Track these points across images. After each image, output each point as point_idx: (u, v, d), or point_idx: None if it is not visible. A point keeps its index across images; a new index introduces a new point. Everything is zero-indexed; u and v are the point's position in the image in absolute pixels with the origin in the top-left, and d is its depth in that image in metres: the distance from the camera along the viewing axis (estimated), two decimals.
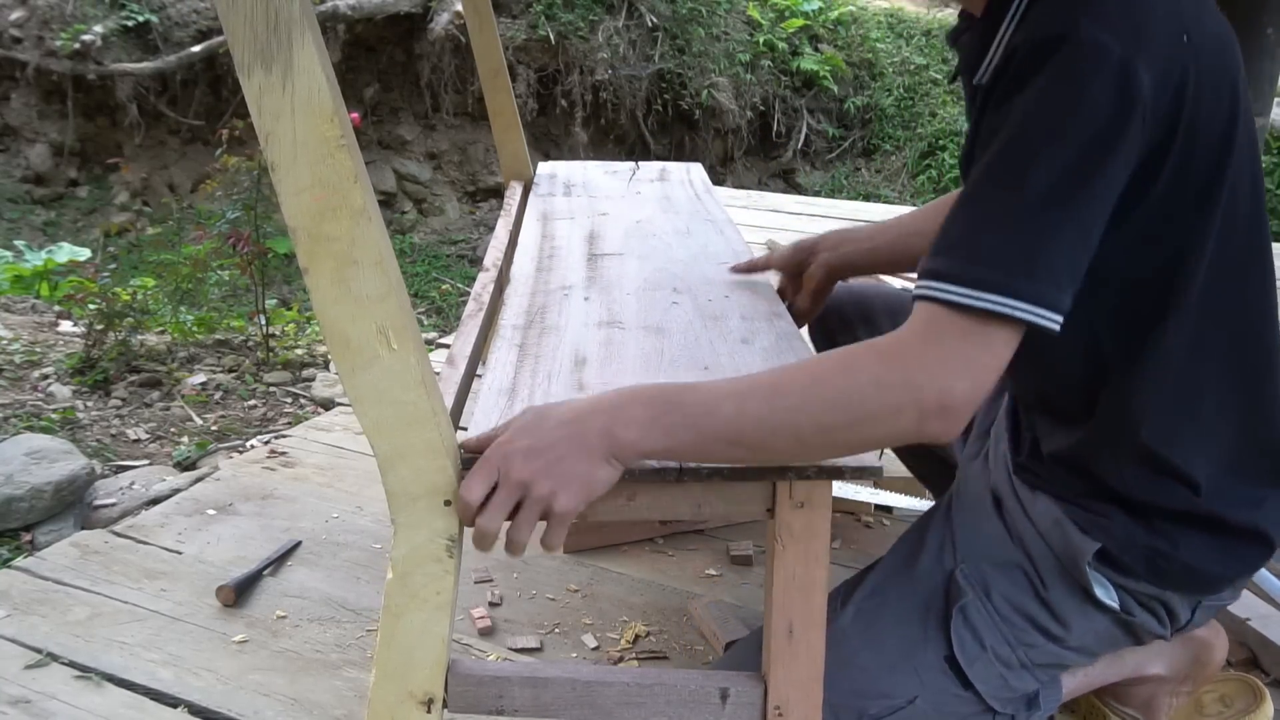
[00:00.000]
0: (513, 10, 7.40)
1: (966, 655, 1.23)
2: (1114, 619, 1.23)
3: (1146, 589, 1.20)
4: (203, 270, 3.73)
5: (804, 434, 0.99)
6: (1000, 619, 1.23)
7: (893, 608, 1.27)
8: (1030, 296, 0.95)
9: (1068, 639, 1.24)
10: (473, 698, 1.17)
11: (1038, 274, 0.95)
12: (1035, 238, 0.95)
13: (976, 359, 0.96)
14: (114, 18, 6.86)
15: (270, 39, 0.84)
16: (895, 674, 1.23)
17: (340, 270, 0.92)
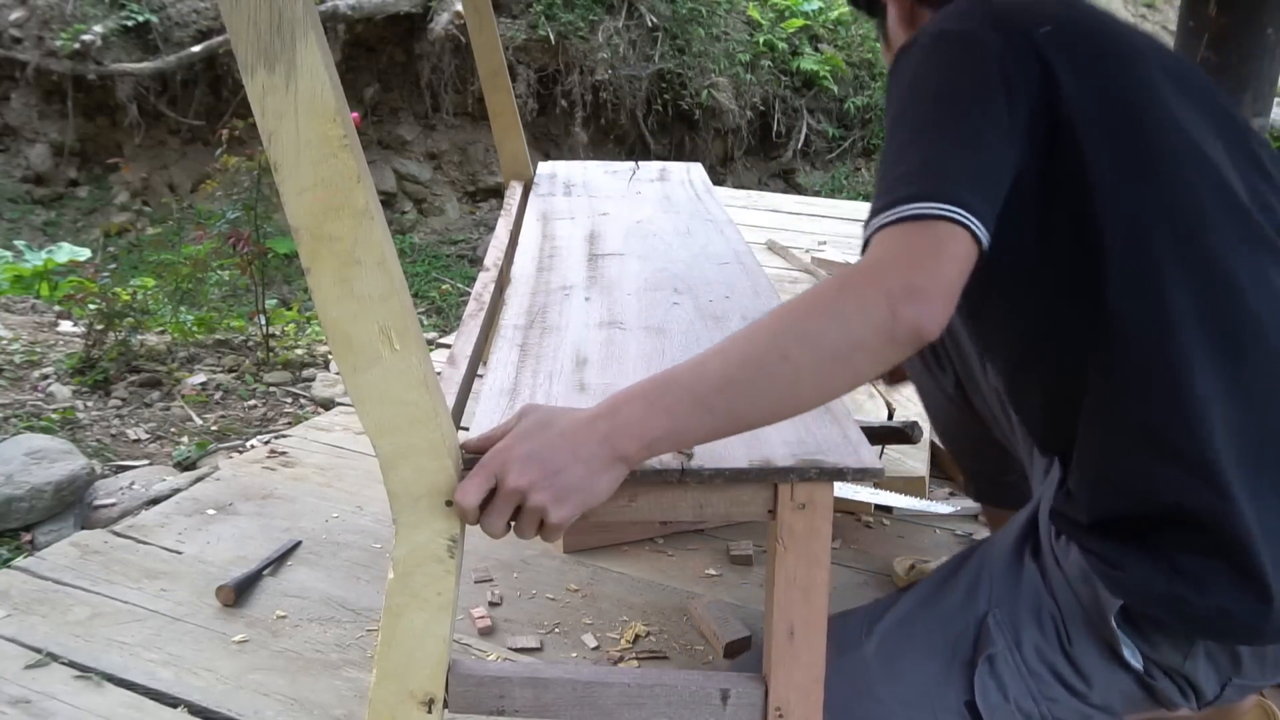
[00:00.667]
0: (513, 10, 7.40)
1: (989, 704, 1.20)
2: (1137, 680, 1.20)
3: (1169, 658, 1.17)
4: (203, 270, 3.73)
5: (791, 353, 0.98)
6: (1028, 671, 1.21)
7: (918, 643, 1.25)
8: (950, 197, 1.01)
9: (1090, 695, 1.22)
10: (473, 698, 1.17)
11: (948, 179, 1.03)
12: (934, 154, 1.06)
13: (925, 250, 1.00)
14: (114, 18, 6.86)
15: (273, 39, 0.84)
16: (911, 710, 1.21)
17: (343, 270, 0.92)
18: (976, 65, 1.10)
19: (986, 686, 1.20)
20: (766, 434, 1.16)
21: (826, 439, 1.16)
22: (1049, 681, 1.21)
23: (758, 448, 1.13)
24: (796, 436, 1.16)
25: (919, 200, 1.02)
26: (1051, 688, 1.21)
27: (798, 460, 1.10)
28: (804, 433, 1.17)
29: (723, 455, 1.12)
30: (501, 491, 0.99)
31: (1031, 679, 1.21)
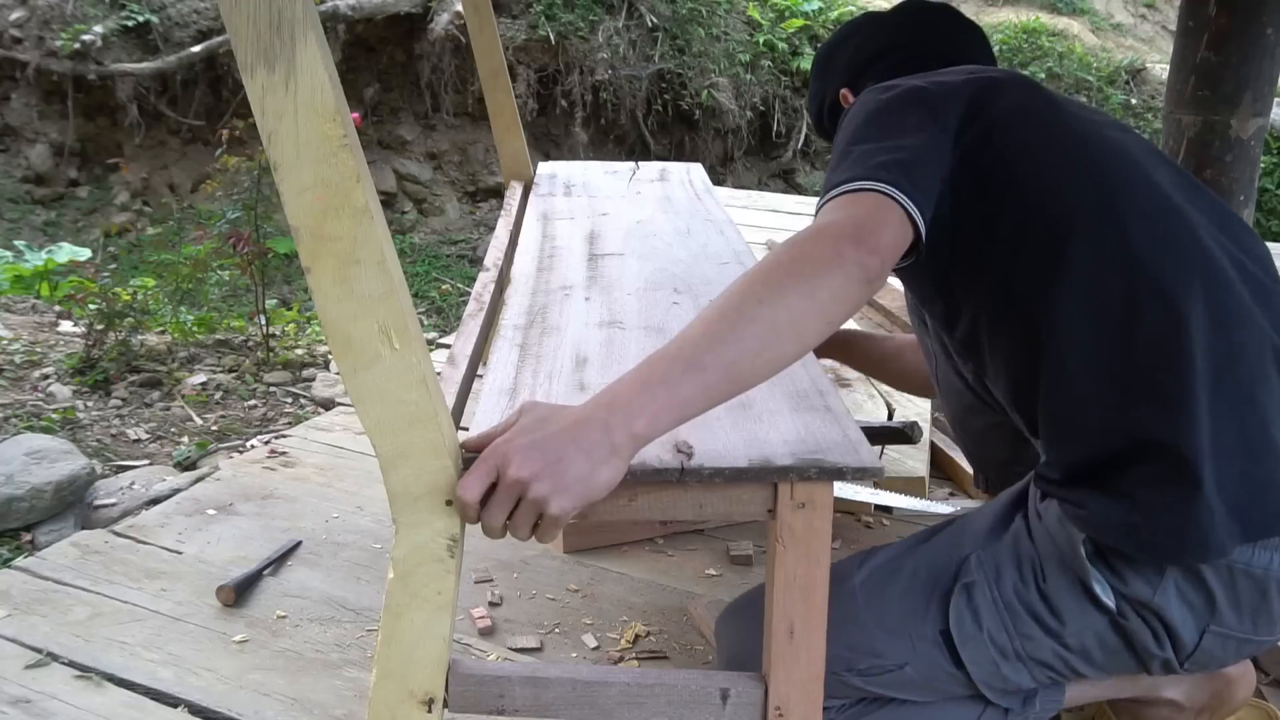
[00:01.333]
0: (513, 10, 7.40)
1: (962, 633, 1.25)
2: (1111, 623, 1.22)
3: (1138, 589, 1.19)
4: (203, 270, 3.74)
5: (765, 298, 1.05)
6: (1004, 606, 1.25)
7: (902, 578, 1.31)
8: (880, 179, 1.17)
9: (1065, 635, 1.24)
10: (473, 697, 1.17)
11: (883, 169, 1.18)
12: (867, 151, 1.22)
13: (866, 212, 1.15)
14: (114, 18, 6.86)
15: (273, 39, 0.84)
16: (891, 638, 1.26)
17: (343, 270, 0.92)
18: (907, 96, 1.31)
19: (962, 616, 1.26)
20: (766, 433, 1.17)
21: (826, 438, 1.16)
22: (1024, 619, 1.25)
23: (757, 447, 1.13)
24: (796, 436, 1.16)
25: (859, 180, 1.18)
26: (1026, 625, 1.25)
27: (797, 460, 1.10)
28: (804, 432, 1.17)
29: (722, 455, 1.12)
30: (502, 484, 0.99)
31: (1007, 613, 1.25)
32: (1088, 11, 9.21)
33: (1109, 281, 1.21)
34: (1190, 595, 1.19)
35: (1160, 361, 1.17)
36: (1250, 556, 1.16)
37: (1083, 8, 9.21)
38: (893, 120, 1.27)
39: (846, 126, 1.31)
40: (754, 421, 1.21)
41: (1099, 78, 8.03)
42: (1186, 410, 1.15)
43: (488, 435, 1.06)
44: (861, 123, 1.28)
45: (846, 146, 1.26)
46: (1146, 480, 1.17)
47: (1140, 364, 1.19)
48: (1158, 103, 7.62)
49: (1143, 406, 1.18)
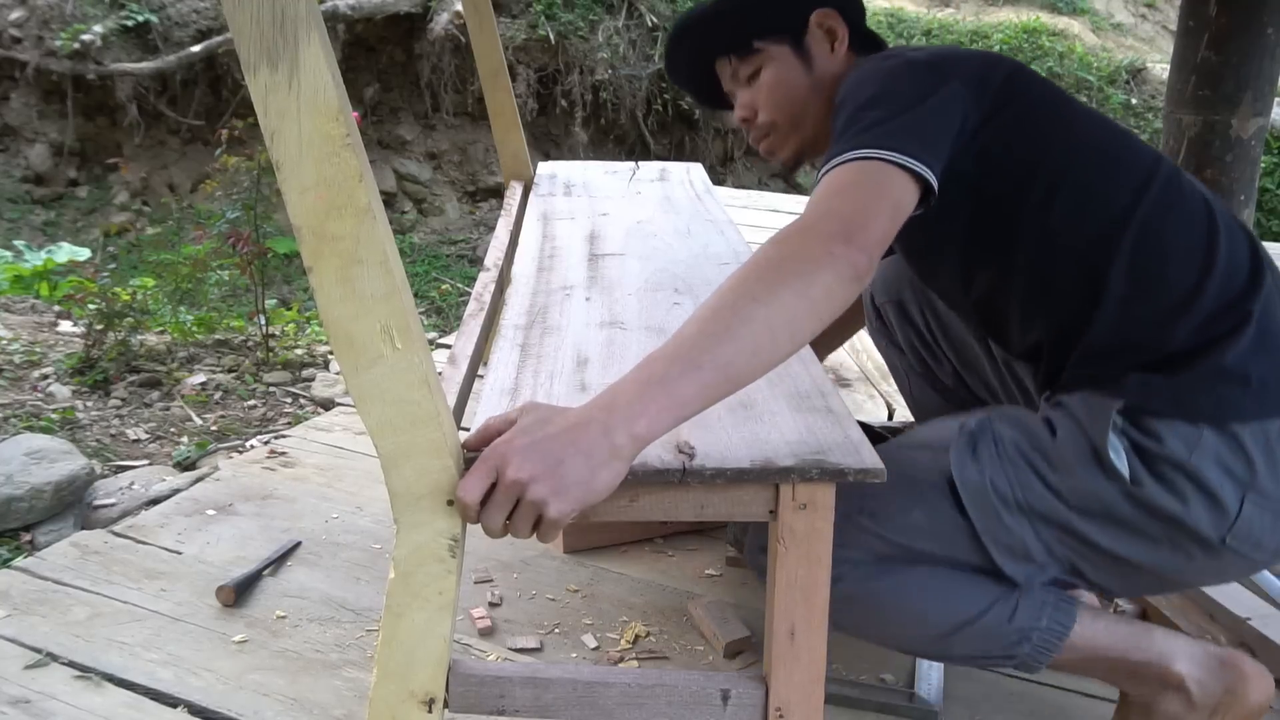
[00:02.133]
0: (513, 10, 7.40)
1: (964, 478, 1.28)
2: (1121, 490, 1.24)
3: (1175, 448, 1.22)
4: (202, 270, 3.74)
5: (758, 294, 1.06)
6: (1006, 459, 1.29)
7: (910, 443, 1.39)
8: (892, 146, 1.18)
9: (1065, 491, 1.26)
10: (474, 698, 1.17)
11: (894, 138, 1.19)
12: (880, 122, 1.22)
13: (865, 193, 1.16)
14: (114, 18, 6.86)
15: (276, 38, 0.84)
16: (897, 489, 1.26)
17: (345, 269, 0.92)
18: (915, 61, 1.32)
19: (965, 464, 1.30)
20: (768, 434, 1.16)
21: (828, 439, 1.16)
22: (1024, 469, 1.29)
23: (759, 448, 1.13)
24: (798, 437, 1.16)
25: (863, 148, 1.18)
26: (1027, 474, 1.28)
27: (799, 460, 1.10)
28: (805, 433, 1.17)
29: (724, 455, 1.12)
30: (502, 484, 0.99)
31: (1009, 464, 1.29)
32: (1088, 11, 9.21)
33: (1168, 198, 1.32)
34: (1228, 459, 1.21)
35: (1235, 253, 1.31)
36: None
37: (1083, 7, 9.21)
38: (901, 84, 1.28)
39: (853, 93, 1.31)
40: (755, 422, 1.20)
41: (1099, 77, 8.03)
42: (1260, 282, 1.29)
43: (488, 433, 1.06)
44: (870, 89, 1.29)
45: (855, 111, 1.26)
46: (1212, 343, 1.25)
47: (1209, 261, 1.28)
48: (1158, 103, 7.63)
49: (1213, 291, 1.27)
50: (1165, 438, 1.22)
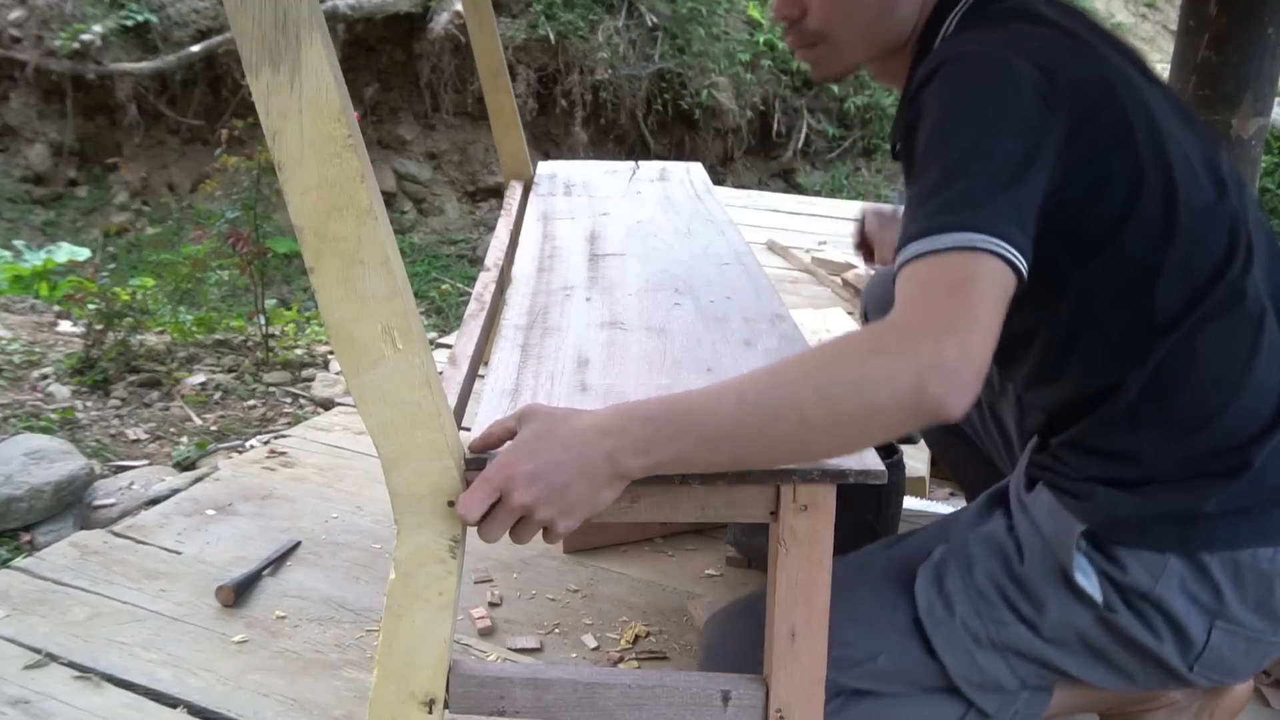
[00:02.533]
0: (513, 10, 7.40)
1: (933, 619, 1.22)
2: (1098, 619, 1.18)
3: (1139, 578, 1.15)
4: (202, 270, 3.74)
5: (807, 412, 0.97)
6: (976, 592, 1.22)
7: (874, 571, 1.28)
8: (985, 229, 1.00)
9: (1041, 626, 1.20)
10: (474, 699, 1.17)
11: (988, 209, 1.01)
12: (973, 185, 1.03)
13: (959, 311, 0.98)
14: (113, 17, 6.86)
15: (278, 38, 0.84)
16: (861, 628, 1.22)
17: (346, 270, 0.92)
18: (1016, 91, 1.07)
19: (933, 602, 1.22)
20: None
21: None
22: (997, 603, 1.22)
23: None
24: None
25: (955, 230, 1.00)
26: (1000, 610, 1.22)
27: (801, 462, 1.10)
28: None
29: None
30: (507, 507, 1.00)
31: (980, 598, 1.22)
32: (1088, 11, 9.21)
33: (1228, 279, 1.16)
34: (1194, 588, 1.15)
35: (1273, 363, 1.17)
36: (1256, 549, 1.14)
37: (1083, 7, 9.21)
38: (1007, 130, 1.06)
39: (947, 125, 1.09)
40: None
41: None
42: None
43: (490, 440, 1.06)
44: (967, 129, 1.07)
45: (950, 167, 1.05)
46: (1209, 467, 1.16)
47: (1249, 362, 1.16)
48: None
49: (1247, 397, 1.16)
50: (1129, 566, 1.16)
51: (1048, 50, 1.11)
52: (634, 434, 1.00)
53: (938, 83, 1.11)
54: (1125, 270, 1.15)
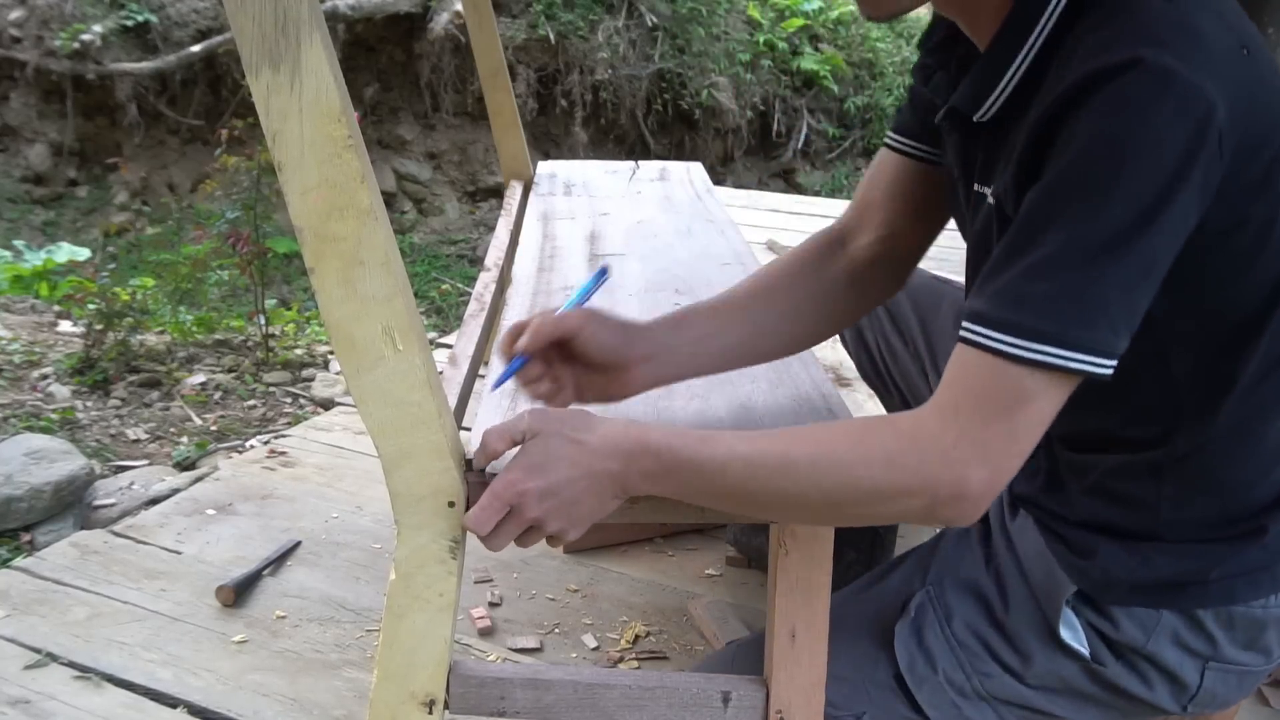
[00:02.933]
0: (513, 10, 7.40)
1: (915, 676, 1.17)
2: (1084, 668, 1.15)
3: (1131, 635, 1.12)
4: (202, 270, 3.74)
5: (811, 503, 0.98)
6: (957, 643, 1.18)
7: (851, 621, 1.22)
8: (1087, 345, 0.88)
9: (1026, 675, 1.17)
10: (474, 699, 1.17)
11: (1098, 321, 0.88)
12: (1093, 285, 0.88)
13: (1001, 439, 0.91)
14: (113, 17, 6.85)
15: (278, 39, 0.84)
16: (844, 686, 1.18)
17: (346, 270, 0.92)
18: (1195, 145, 0.87)
19: (914, 658, 1.18)
20: None
21: None
22: (980, 654, 1.18)
23: None
24: None
25: (1042, 341, 0.89)
26: (983, 662, 1.18)
27: None
28: None
29: None
30: (518, 521, 1.00)
31: (962, 651, 1.18)
32: None
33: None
34: (1187, 638, 1.12)
35: None
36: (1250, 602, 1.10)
37: None
38: (1154, 197, 0.87)
39: (1086, 169, 0.88)
40: (756, 423, 1.20)
41: None
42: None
43: (491, 452, 1.03)
44: (1106, 183, 0.87)
45: (1069, 212, 0.89)
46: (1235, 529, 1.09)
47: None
48: None
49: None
50: (1120, 623, 1.12)
51: (1232, 68, 0.90)
52: (641, 464, 1.00)
53: (1104, 107, 0.88)
54: (1222, 324, 1.01)
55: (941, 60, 1.15)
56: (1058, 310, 0.88)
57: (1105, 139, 0.87)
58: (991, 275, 0.93)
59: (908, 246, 1.31)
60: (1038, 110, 0.94)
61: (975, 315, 0.93)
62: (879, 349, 1.71)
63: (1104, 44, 0.90)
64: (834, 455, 0.95)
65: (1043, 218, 0.91)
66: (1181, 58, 0.87)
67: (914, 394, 1.66)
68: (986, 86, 1.02)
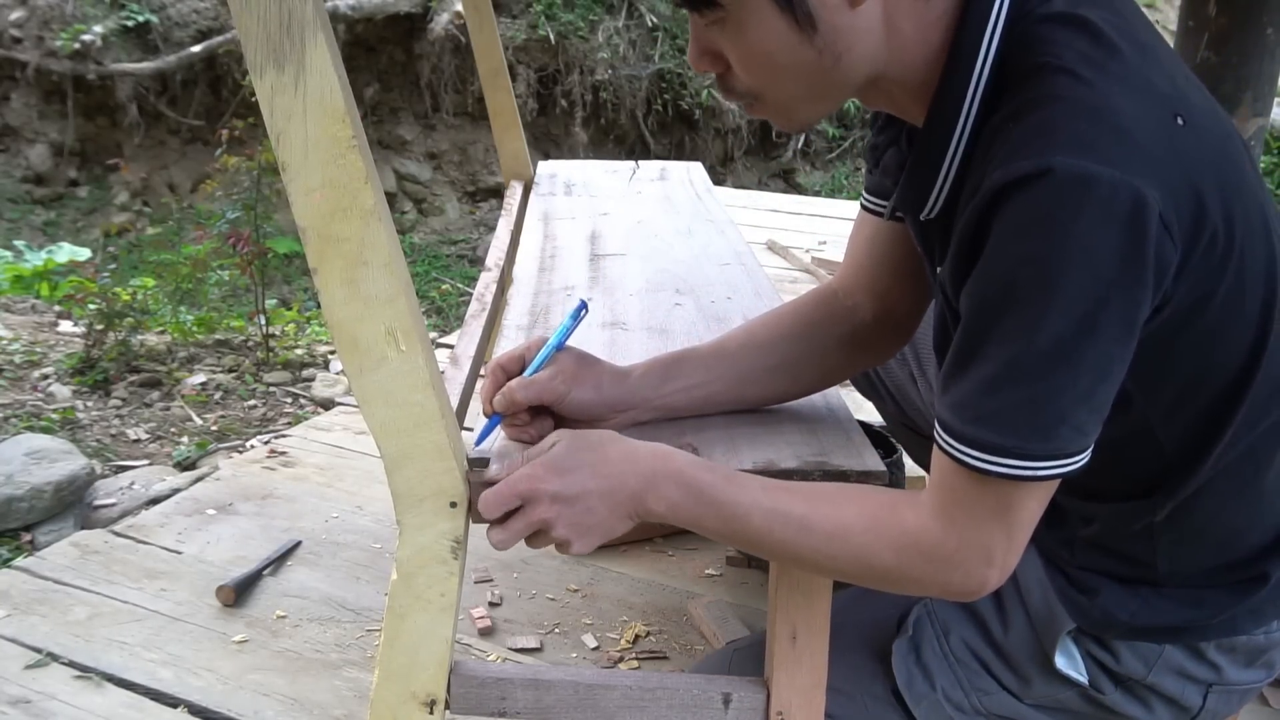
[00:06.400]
0: (513, 10, 7.40)
1: (914, 693, 1.17)
2: (1082, 694, 1.14)
3: (1132, 667, 1.11)
4: (203, 270, 3.74)
5: (824, 569, 1.03)
6: (955, 660, 1.18)
7: (847, 632, 1.21)
8: (1052, 453, 0.88)
9: (1025, 696, 1.17)
10: (475, 699, 1.17)
11: (1057, 431, 0.88)
12: (1043, 398, 0.87)
13: (999, 539, 0.93)
14: (114, 18, 6.86)
15: (283, 39, 0.84)
16: (841, 699, 1.18)
17: (350, 271, 0.92)
18: (1133, 246, 0.83)
19: (912, 675, 1.17)
20: (771, 436, 1.16)
21: (830, 441, 1.16)
22: (978, 672, 1.17)
23: (761, 449, 1.13)
24: (801, 438, 1.16)
25: (1013, 456, 0.88)
26: (982, 679, 1.17)
27: (802, 462, 1.10)
28: (808, 434, 1.17)
29: (726, 457, 1.11)
30: (526, 520, 1.00)
31: (960, 668, 1.18)
32: None
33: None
34: (1190, 667, 1.11)
35: None
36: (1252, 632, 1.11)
37: None
38: (1095, 306, 0.84)
39: (1018, 281, 0.86)
40: (757, 423, 1.20)
41: None
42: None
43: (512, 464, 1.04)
44: (1044, 297, 0.85)
45: (1012, 328, 0.87)
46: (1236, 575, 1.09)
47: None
48: None
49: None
50: (1122, 656, 1.11)
51: (1162, 148, 0.85)
52: (664, 490, 1.00)
53: (1021, 219, 0.85)
54: (1203, 391, 0.99)
55: (891, 136, 1.12)
56: (1013, 427, 0.88)
57: (1028, 258, 0.84)
58: (949, 382, 0.93)
59: (905, 305, 1.27)
60: (964, 208, 0.92)
61: (944, 425, 0.93)
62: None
63: (1014, 149, 0.86)
64: (849, 537, 0.98)
65: (983, 330, 0.89)
66: (1099, 157, 0.82)
67: (905, 399, 1.66)
68: (924, 188, 1.00)
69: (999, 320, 0.87)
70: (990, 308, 0.88)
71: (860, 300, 1.26)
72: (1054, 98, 0.86)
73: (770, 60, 0.94)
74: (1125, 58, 0.88)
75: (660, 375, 1.20)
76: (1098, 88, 0.86)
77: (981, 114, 0.93)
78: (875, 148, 1.17)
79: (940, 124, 0.96)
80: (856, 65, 0.95)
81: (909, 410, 1.66)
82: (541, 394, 1.12)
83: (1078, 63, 0.87)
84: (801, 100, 0.99)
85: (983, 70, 0.92)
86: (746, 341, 1.25)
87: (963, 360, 0.91)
